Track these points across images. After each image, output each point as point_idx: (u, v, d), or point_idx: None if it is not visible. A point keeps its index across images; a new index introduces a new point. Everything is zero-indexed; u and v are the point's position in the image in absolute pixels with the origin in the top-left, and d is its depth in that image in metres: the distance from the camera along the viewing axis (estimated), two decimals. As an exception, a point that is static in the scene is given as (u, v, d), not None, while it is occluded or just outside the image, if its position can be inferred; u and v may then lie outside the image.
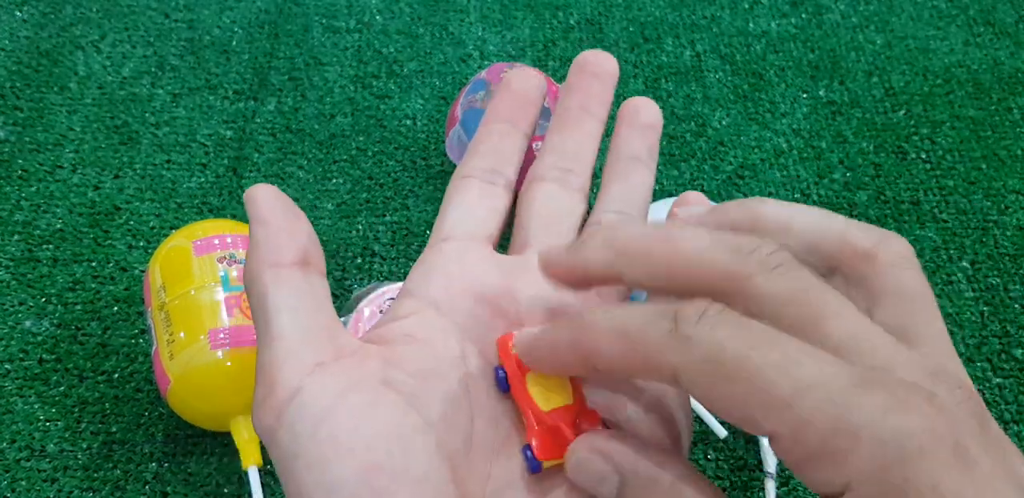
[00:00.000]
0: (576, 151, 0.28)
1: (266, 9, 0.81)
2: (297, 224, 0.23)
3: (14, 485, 0.53)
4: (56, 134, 0.70)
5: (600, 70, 0.28)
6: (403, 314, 0.24)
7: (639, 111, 0.28)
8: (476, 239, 0.25)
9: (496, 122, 0.27)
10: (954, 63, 0.80)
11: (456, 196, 0.26)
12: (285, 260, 0.22)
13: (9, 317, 0.60)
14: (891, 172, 0.72)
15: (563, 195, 0.27)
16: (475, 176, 0.26)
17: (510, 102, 0.27)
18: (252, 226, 0.23)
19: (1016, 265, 0.67)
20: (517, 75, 0.28)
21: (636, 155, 0.28)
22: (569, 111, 0.28)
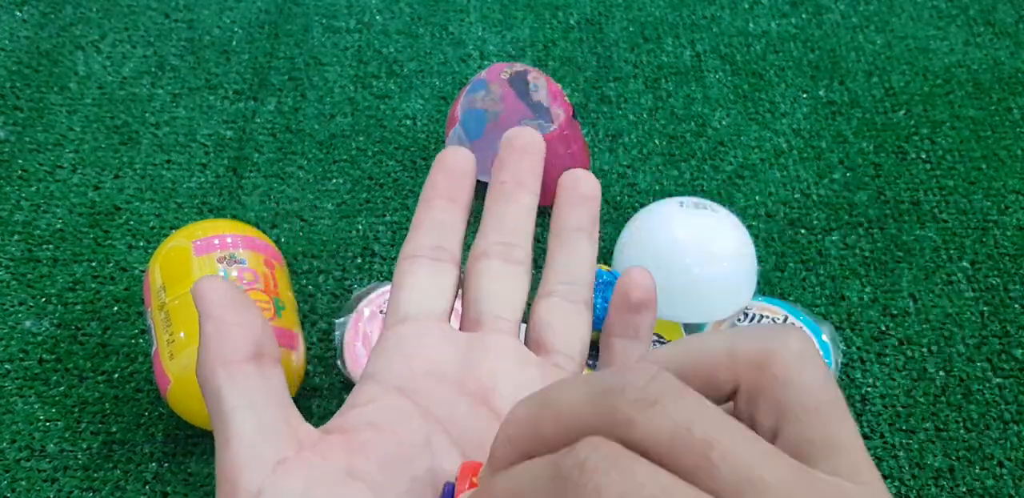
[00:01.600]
0: (515, 225, 0.28)
1: (266, 9, 0.81)
2: (247, 315, 0.23)
3: (14, 485, 0.53)
4: (56, 134, 0.70)
5: (529, 146, 0.29)
6: (364, 400, 0.23)
7: (578, 183, 0.29)
8: (432, 318, 0.25)
9: (436, 198, 0.28)
10: (954, 63, 0.80)
11: (406, 278, 0.26)
12: (238, 356, 0.22)
13: (9, 317, 0.60)
14: (891, 172, 0.72)
15: (508, 270, 0.27)
16: (422, 255, 0.27)
17: (446, 179, 0.28)
18: (201, 321, 0.23)
19: (1016, 265, 0.67)
20: (449, 153, 0.28)
21: (579, 226, 0.28)
22: (505, 185, 0.28)
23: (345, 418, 0.23)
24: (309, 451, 0.21)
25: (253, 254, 0.54)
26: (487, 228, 0.28)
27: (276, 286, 0.54)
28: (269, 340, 0.23)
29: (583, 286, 0.28)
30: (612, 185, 0.70)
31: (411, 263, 0.27)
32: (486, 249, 0.28)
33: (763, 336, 0.19)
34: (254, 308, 0.23)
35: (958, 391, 0.60)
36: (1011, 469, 0.56)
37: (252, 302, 0.23)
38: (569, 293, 0.28)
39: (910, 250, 0.67)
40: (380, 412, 0.23)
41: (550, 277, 0.28)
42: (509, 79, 0.63)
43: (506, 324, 0.26)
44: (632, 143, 0.73)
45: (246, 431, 0.21)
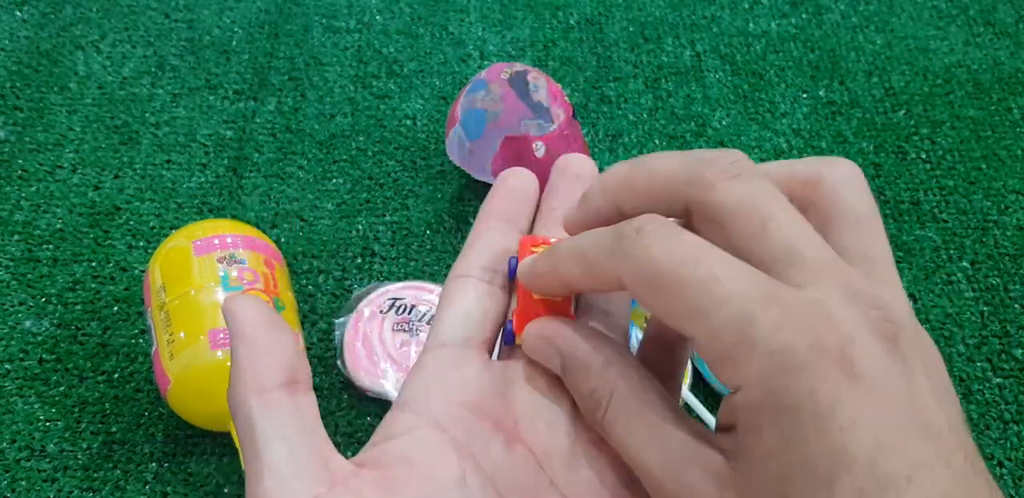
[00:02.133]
0: None
1: (266, 9, 0.81)
2: (282, 339, 0.22)
3: (14, 485, 0.53)
4: (56, 134, 0.70)
5: (581, 172, 0.29)
6: (400, 431, 0.23)
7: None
8: (472, 345, 0.25)
9: (494, 219, 0.27)
10: (954, 63, 0.80)
11: (454, 298, 0.26)
12: (272, 383, 0.22)
13: (9, 317, 0.60)
14: (891, 172, 0.72)
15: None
16: (472, 275, 0.26)
17: (507, 199, 0.28)
18: (234, 343, 0.22)
19: (1016, 265, 0.67)
20: (512, 173, 0.28)
21: None
22: (555, 212, 0.28)
23: (379, 450, 0.22)
24: (342, 487, 0.21)
25: (253, 254, 0.54)
26: None
27: (276, 286, 0.54)
28: (303, 365, 0.23)
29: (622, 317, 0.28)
30: (612, 185, 0.70)
31: (461, 283, 0.26)
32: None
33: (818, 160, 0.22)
34: (288, 330, 0.23)
35: (958, 391, 0.60)
36: (1011, 469, 0.56)
37: (285, 323, 0.23)
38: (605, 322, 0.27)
39: (910, 250, 0.67)
40: (415, 446, 0.22)
41: None
42: (509, 79, 0.63)
43: None
44: (632, 143, 0.73)
45: (279, 464, 0.20)
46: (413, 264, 0.64)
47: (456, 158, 0.65)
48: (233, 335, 0.22)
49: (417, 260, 0.65)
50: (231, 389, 0.22)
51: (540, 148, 0.62)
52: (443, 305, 0.26)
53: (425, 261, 0.65)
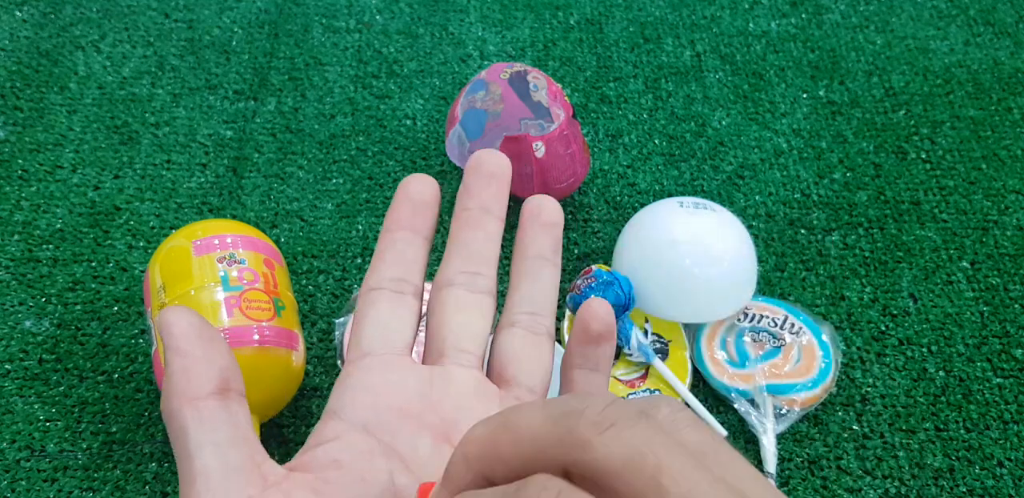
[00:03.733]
0: (480, 252, 0.28)
1: (266, 9, 0.81)
2: (215, 349, 0.23)
3: (14, 485, 0.53)
4: (56, 134, 0.70)
5: (496, 171, 0.29)
6: (328, 437, 0.23)
7: (542, 210, 0.29)
8: (394, 352, 0.25)
9: (399, 230, 0.28)
10: (954, 63, 0.80)
11: (369, 310, 0.26)
12: (204, 391, 0.22)
13: (9, 317, 0.60)
14: (891, 172, 0.72)
15: (472, 300, 0.27)
16: (384, 287, 0.27)
17: (409, 209, 0.28)
18: (167, 354, 0.22)
19: (1016, 265, 0.67)
20: (413, 180, 0.28)
21: (542, 254, 0.28)
22: (470, 212, 0.28)
23: (309, 456, 0.23)
24: (274, 489, 0.21)
25: (253, 254, 0.54)
26: (451, 256, 0.28)
27: (276, 286, 0.54)
28: (235, 374, 0.23)
29: (546, 316, 0.28)
30: (612, 185, 0.70)
31: (373, 296, 0.26)
32: (450, 278, 0.27)
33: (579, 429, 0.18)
34: (221, 341, 0.23)
35: (958, 391, 0.60)
36: (1011, 469, 0.56)
37: (219, 334, 0.23)
38: (532, 324, 0.27)
39: (910, 250, 0.67)
40: (344, 450, 0.23)
41: (513, 306, 0.28)
42: (509, 79, 0.63)
43: (469, 356, 0.26)
44: (632, 143, 0.73)
45: (211, 470, 0.21)
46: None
47: (456, 158, 0.65)
48: (167, 347, 0.22)
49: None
50: (164, 399, 0.22)
51: (540, 148, 0.62)
52: (358, 320, 0.26)
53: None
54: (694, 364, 0.59)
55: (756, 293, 0.63)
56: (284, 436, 0.55)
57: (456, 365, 0.25)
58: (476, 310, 0.27)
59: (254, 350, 0.50)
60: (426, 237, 0.28)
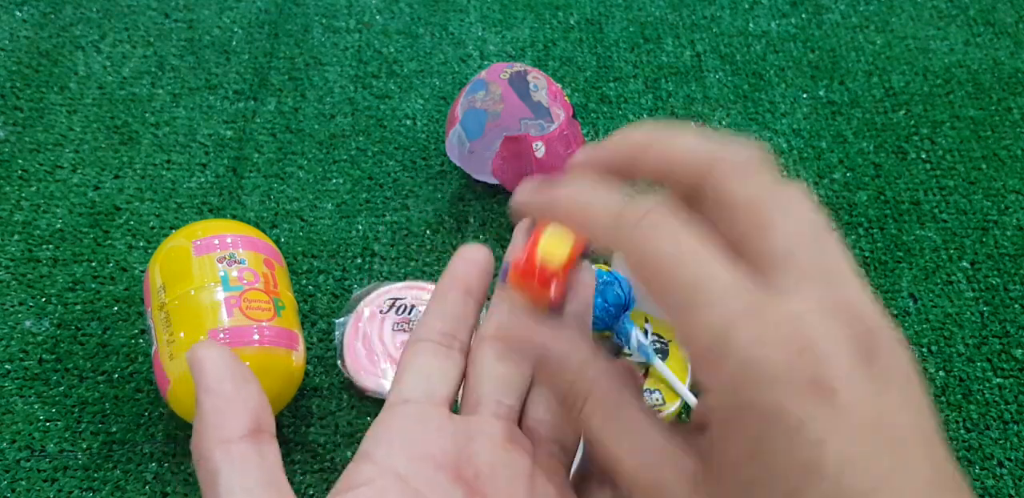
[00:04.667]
0: None
1: (266, 9, 0.81)
2: (247, 388, 0.23)
3: (14, 485, 0.53)
4: (56, 134, 0.70)
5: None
6: (361, 481, 0.23)
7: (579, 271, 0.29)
8: (433, 402, 0.25)
9: (452, 290, 0.28)
10: (954, 63, 0.80)
11: (413, 358, 0.26)
12: (236, 433, 0.22)
13: (9, 317, 0.60)
14: (891, 172, 0.72)
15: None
16: (432, 339, 0.27)
17: (464, 269, 0.28)
18: (198, 394, 0.22)
19: (1016, 265, 0.67)
20: (470, 248, 0.29)
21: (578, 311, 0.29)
22: None
23: None
24: None
25: (253, 254, 0.54)
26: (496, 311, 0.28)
27: (276, 286, 0.54)
28: (267, 414, 0.23)
29: None
30: (612, 185, 0.70)
31: (420, 346, 0.27)
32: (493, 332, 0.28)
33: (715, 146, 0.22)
34: (253, 379, 0.23)
35: (958, 391, 0.60)
36: (1011, 469, 0.56)
37: (250, 372, 0.23)
38: None
39: (910, 250, 0.67)
40: (376, 495, 0.23)
41: None
42: (509, 79, 0.63)
43: (505, 408, 0.26)
44: (632, 143, 0.73)
45: None
46: (413, 264, 0.64)
47: (456, 158, 0.65)
48: (198, 385, 0.22)
49: (417, 260, 0.65)
50: (195, 440, 0.22)
51: (540, 148, 0.62)
52: (403, 366, 0.26)
53: (425, 261, 0.65)
54: (694, 364, 0.59)
55: (756, 293, 0.63)
56: (284, 436, 0.55)
57: (493, 416, 0.26)
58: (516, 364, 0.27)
59: (254, 350, 0.50)
60: (478, 300, 0.28)
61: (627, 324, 0.58)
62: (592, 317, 0.57)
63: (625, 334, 0.57)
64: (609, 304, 0.56)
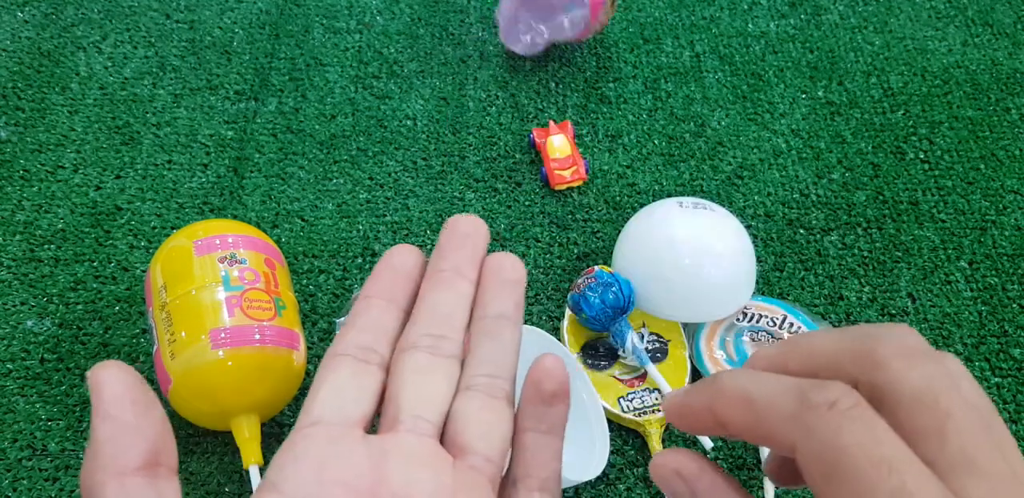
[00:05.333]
0: (449, 314, 0.27)
1: (267, 10, 0.81)
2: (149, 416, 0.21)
3: (16, 484, 0.53)
4: (58, 134, 0.71)
5: (472, 231, 0.28)
6: None
7: (503, 267, 0.28)
8: (346, 423, 0.24)
9: (376, 297, 0.27)
10: (952, 64, 0.80)
11: (328, 376, 0.25)
12: (131, 465, 0.20)
13: (11, 317, 0.60)
14: (890, 172, 0.72)
15: (434, 364, 0.26)
16: (349, 354, 0.25)
17: (390, 278, 0.27)
18: (94, 419, 0.21)
19: (1014, 265, 0.67)
20: (397, 251, 0.28)
21: (504, 313, 0.27)
22: (442, 273, 0.28)
23: None
24: None
25: (254, 254, 0.54)
26: (418, 317, 0.27)
27: (277, 286, 0.54)
28: (168, 446, 0.22)
29: (506, 379, 0.27)
30: (612, 185, 0.70)
31: (336, 362, 0.25)
32: (414, 341, 0.26)
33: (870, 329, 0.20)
34: (156, 406, 0.22)
35: (956, 390, 0.60)
36: (1009, 468, 0.57)
37: (155, 398, 0.22)
38: (490, 387, 0.26)
39: (908, 250, 0.67)
40: None
41: (471, 369, 0.27)
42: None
43: (426, 425, 0.25)
44: (632, 143, 0.73)
45: None
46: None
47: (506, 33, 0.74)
48: (95, 410, 0.21)
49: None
50: (86, 469, 0.20)
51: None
52: (317, 383, 0.25)
53: (425, 261, 0.65)
54: (693, 363, 0.59)
55: (755, 293, 0.63)
56: (284, 436, 0.56)
57: (410, 433, 0.24)
58: (438, 375, 0.26)
59: (255, 350, 0.50)
60: (402, 308, 0.27)
61: (624, 327, 0.58)
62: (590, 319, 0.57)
63: (621, 337, 0.58)
64: (607, 306, 0.57)
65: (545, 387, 0.26)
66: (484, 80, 0.77)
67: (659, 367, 0.58)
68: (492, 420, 0.25)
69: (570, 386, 0.26)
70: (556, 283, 0.64)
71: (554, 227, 0.67)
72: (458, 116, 0.74)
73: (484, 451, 0.25)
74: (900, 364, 0.19)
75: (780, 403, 0.19)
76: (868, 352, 0.19)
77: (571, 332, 0.60)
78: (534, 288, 0.64)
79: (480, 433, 0.25)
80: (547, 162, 0.69)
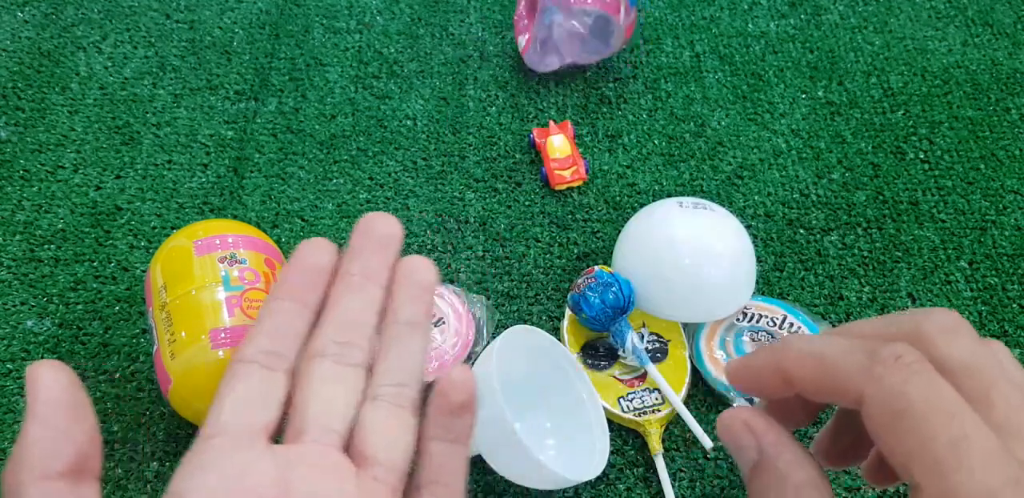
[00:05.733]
0: (357, 321, 0.27)
1: (267, 10, 0.81)
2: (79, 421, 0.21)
3: (16, 484, 0.53)
4: (58, 134, 0.71)
5: (387, 233, 0.27)
6: None
7: (415, 271, 0.28)
8: (252, 432, 0.24)
9: (285, 298, 0.26)
10: (952, 64, 0.80)
11: (233, 385, 0.25)
12: (56, 469, 0.20)
13: (11, 317, 0.60)
14: (889, 172, 0.72)
15: (341, 374, 0.26)
16: (255, 361, 0.25)
17: (300, 280, 0.26)
18: (26, 418, 0.21)
19: (1014, 265, 0.67)
20: (309, 249, 0.27)
21: (413, 319, 0.27)
22: (352, 277, 0.27)
23: None
24: None
25: (254, 254, 0.54)
26: (327, 323, 0.26)
27: (277, 286, 0.54)
28: (95, 452, 0.21)
29: (413, 387, 0.26)
30: (612, 185, 0.70)
31: (242, 369, 0.25)
32: (322, 348, 0.26)
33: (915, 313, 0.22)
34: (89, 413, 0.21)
35: (956, 390, 0.60)
36: (1009, 468, 0.57)
37: (87, 403, 0.21)
38: (397, 396, 0.26)
39: (908, 250, 0.67)
40: None
41: (379, 376, 0.26)
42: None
43: (331, 435, 0.25)
44: (631, 143, 0.73)
45: None
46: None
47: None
48: (28, 409, 0.21)
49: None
50: (9, 467, 0.20)
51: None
52: (221, 393, 0.24)
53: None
54: (693, 363, 0.59)
55: (755, 293, 0.63)
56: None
57: (316, 444, 0.24)
58: (344, 384, 0.25)
59: (255, 349, 0.50)
60: (312, 309, 0.26)
61: (624, 327, 0.58)
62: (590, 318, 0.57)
63: (621, 337, 0.58)
64: (607, 306, 0.57)
65: (453, 399, 0.25)
66: (484, 80, 0.77)
67: (659, 367, 0.58)
68: (397, 431, 0.25)
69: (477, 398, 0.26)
70: (556, 283, 0.64)
71: (554, 227, 0.67)
72: (458, 116, 0.74)
73: (387, 462, 0.25)
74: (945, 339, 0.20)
75: (850, 358, 0.20)
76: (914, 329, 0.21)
77: (571, 332, 0.60)
78: (534, 288, 0.64)
79: (384, 444, 0.25)
80: (547, 162, 0.69)
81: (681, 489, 0.55)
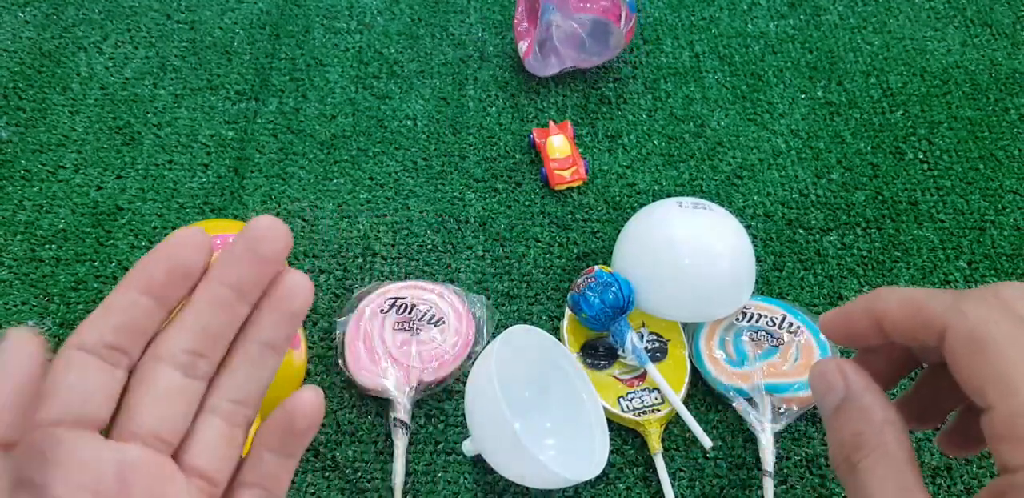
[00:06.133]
0: (217, 335, 0.25)
1: (267, 10, 0.82)
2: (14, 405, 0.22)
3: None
4: (59, 134, 0.71)
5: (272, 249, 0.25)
6: None
7: (291, 300, 0.26)
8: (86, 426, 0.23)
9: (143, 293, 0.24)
10: (951, 64, 0.81)
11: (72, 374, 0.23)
12: None
13: (12, 317, 0.60)
14: (889, 172, 0.72)
15: (184, 386, 0.25)
16: (98, 353, 0.24)
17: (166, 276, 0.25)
18: None
19: (1013, 265, 0.67)
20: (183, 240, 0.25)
21: (273, 343, 0.26)
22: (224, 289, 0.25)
23: None
24: None
25: (255, 254, 0.54)
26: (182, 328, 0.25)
27: (278, 286, 0.54)
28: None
29: (251, 407, 0.26)
30: (611, 185, 0.70)
31: (81, 359, 0.24)
32: (171, 352, 0.25)
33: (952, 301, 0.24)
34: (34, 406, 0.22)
35: (955, 390, 0.60)
36: (1007, 467, 0.57)
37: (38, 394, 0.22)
38: (234, 414, 0.26)
39: (907, 250, 0.67)
40: None
41: (221, 390, 0.26)
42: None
43: (161, 444, 0.24)
44: (631, 143, 0.73)
45: None
46: (413, 264, 0.65)
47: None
48: None
49: (418, 260, 0.65)
50: None
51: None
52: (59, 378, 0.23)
53: (426, 261, 0.65)
54: (693, 363, 0.60)
55: (754, 292, 0.63)
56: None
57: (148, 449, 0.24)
58: (184, 396, 0.25)
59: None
60: (168, 309, 0.25)
61: (624, 327, 0.58)
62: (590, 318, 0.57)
63: (621, 336, 0.58)
64: (607, 305, 0.57)
65: (296, 425, 0.26)
66: (484, 80, 0.77)
67: (659, 367, 0.59)
68: (226, 449, 0.26)
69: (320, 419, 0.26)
70: (556, 283, 0.64)
71: (554, 227, 0.67)
72: (458, 116, 0.74)
73: (214, 475, 0.25)
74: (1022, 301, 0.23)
75: (938, 298, 0.23)
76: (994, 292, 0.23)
77: (571, 332, 0.60)
78: (534, 288, 0.64)
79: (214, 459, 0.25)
80: (547, 162, 0.69)
81: (681, 489, 0.55)
